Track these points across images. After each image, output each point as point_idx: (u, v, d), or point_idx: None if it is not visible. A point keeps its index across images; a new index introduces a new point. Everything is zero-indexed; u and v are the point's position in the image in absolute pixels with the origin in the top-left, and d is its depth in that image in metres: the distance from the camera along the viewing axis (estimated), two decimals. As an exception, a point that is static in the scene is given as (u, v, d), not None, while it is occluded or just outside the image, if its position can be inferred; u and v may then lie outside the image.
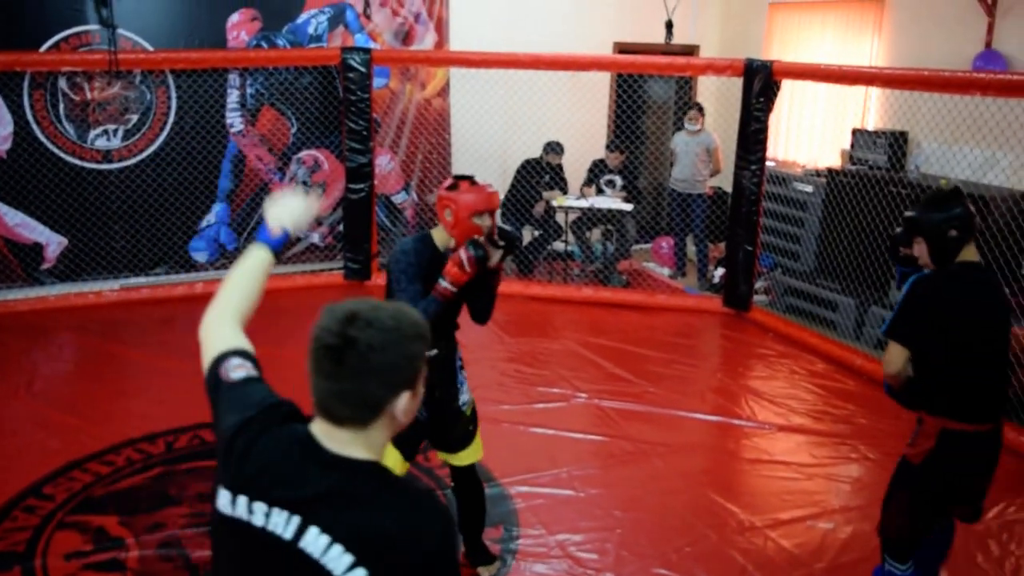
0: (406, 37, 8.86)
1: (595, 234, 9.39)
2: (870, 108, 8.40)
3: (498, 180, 9.29)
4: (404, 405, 1.69)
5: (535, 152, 8.92)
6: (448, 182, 3.65)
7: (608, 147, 9.01)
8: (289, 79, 8.45)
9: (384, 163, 8.92)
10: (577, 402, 6.02)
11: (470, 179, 3.64)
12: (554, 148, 8.86)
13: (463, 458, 4.00)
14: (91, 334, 7.21)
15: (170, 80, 8.07)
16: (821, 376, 6.63)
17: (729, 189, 8.16)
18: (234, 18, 8.19)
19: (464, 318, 3.86)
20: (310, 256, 8.90)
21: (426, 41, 8.92)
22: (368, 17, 8.44)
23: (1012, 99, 6.09)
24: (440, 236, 3.68)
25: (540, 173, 8.86)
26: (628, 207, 8.71)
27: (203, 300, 2.31)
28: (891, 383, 3.45)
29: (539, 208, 8.83)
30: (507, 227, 3.77)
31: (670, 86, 10.47)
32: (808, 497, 4.89)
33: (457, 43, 8.97)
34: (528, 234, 9.13)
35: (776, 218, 8.44)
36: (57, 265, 8.00)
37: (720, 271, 8.53)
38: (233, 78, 8.28)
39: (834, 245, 7.74)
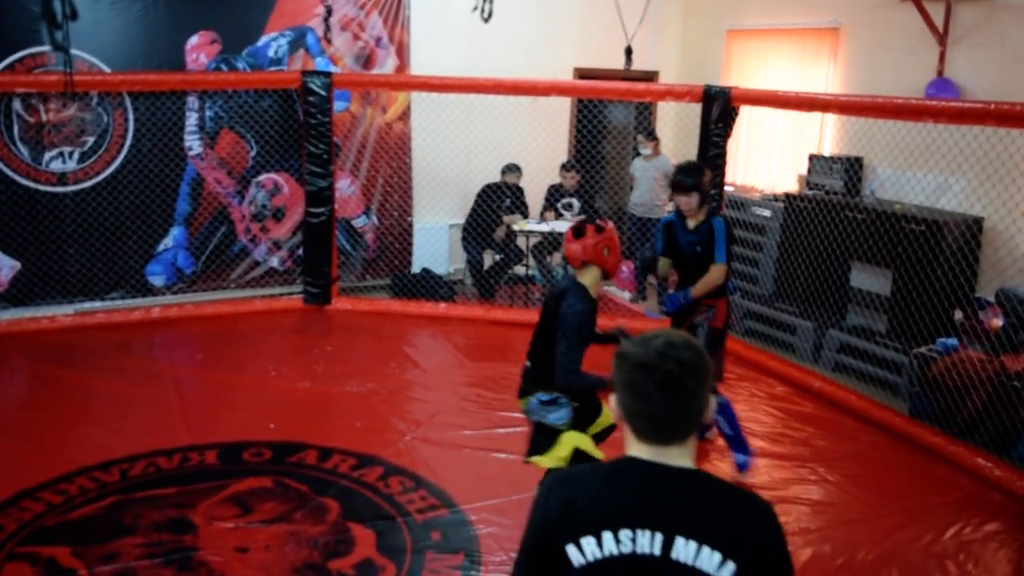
0: (367, 61, 8.86)
1: (556, 258, 9.41)
2: (826, 134, 8.54)
3: (459, 204, 9.32)
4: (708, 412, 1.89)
5: (496, 176, 8.95)
6: (573, 228, 4.25)
7: (563, 167, 9.06)
8: (249, 102, 8.40)
9: (344, 187, 8.89)
10: (539, 426, 6.00)
11: (592, 223, 4.29)
12: (511, 168, 8.91)
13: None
14: (44, 359, 7.06)
15: (128, 102, 7.98)
16: (780, 399, 6.67)
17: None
18: (193, 40, 8.14)
19: (419, 344, 3.84)
20: (269, 280, 8.82)
21: (387, 65, 8.92)
22: (329, 41, 8.43)
23: (964, 126, 6.21)
24: (590, 283, 4.21)
25: (501, 197, 8.89)
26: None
27: (160, 325, 2.29)
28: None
29: (500, 232, 8.85)
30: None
31: (630, 111, 10.56)
32: (768, 520, 4.89)
33: (418, 67, 8.99)
34: (489, 258, 9.13)
35: (735, 242, 8.49)
36: (9, 289, 7.84)
37: (680, 295, 8.57)
38: (192, 101, 8.21)
39: (792, 269, 7.84)
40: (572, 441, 4.25)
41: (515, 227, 8.79)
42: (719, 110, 7.53)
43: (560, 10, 9.72)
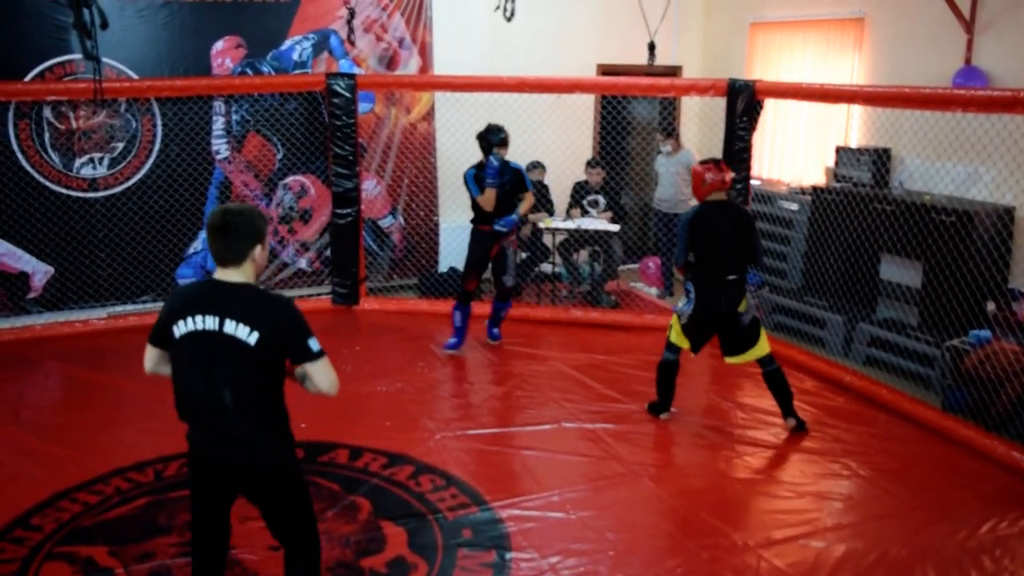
0: (390, 62, 8.90)
1: (582, 255, 9.41)
2: (853, 126, 8.48)
3: (485, 203, 9.29)
4: (259, 253, 3.25)
5: (521, 174, 8.95)
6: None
7: (589, 163, 9.05)
8: (274, 105, 8.47)
9: (370, 187, 8.93)
10: (567, 424, 6.00)
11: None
12: (536, 165, 8.91)
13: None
14: (78, 363, 7.16)
15: (155, 108, 8.07)
16: (811, 394, 6.63)
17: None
18: (219, 45, 8.21)
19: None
20: (297, 281, 8.89)
21: (410, 66, 8.96)
22: (352, 43, 8.47)
23: (993, 115, 6.14)
24: None
25: (526, 195, 8.88)
26: (615, 228, 8.73)
27: None
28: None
29: (526, 230, 8.85)
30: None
31: (654, 106, 10.53)
32: (800, 516, 4.88)
33: (441, 67, 9.02)
34: (516, 256, 9.13)
35: (762, 236, 8.46)
36: (44, 294, 7.96)
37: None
38: (218, 105, 8.29)
39: (820, 262, 7.78)
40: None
41: (541, 224, 8.79)
42: (744, 104, 7.49)
43: (581, 6, 9.71)
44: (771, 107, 8.05)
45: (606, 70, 9.81)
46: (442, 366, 7.16)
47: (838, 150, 8.18)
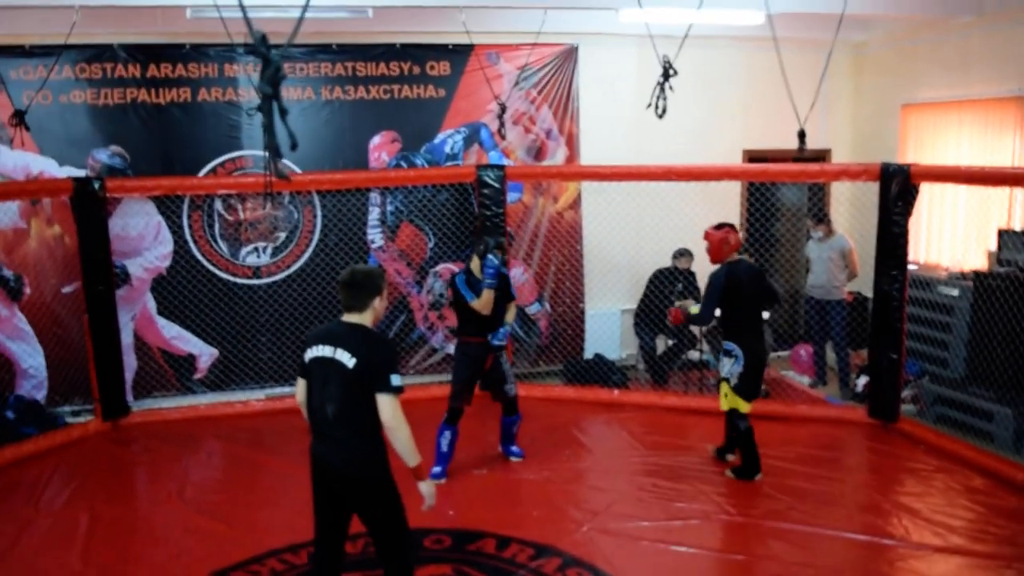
0: (538, 153, 9.12)
1: (730, 342, 9.24)
2: (1016, 208, 8.10)
3: (630, 290, 9.34)
4: (378, 303, 4.12)
5: (667, 261, 8.93)
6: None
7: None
8: (427, 196, 8.79)
9: (518, 275, 9.09)
10: (718, 519, 5.84)
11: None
12: (683, 252, 8.86)
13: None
14: (238, 442, 7.49)
15: (316, 200, 8.51)
16: (980, 492, 6.24)
17: (869, 293, 7.94)
18: (376, 140, 8.63)
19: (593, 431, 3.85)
20: (446, 367, 9.05)
21: (557, 156, 9.15)
22: (502, 135, 8.76)
23: None
24: None
25: (672, 281, 8.85)
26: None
27: None
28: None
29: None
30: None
31: (803, 191, 10.36)
32: (973, 626, 4.57)
33: (587, 156, 9.17)
34: (662, 343, 9.07)
35: (921, 323, 8.14)
36: (208, 375, 8.40)
37: (863, 379, 8.23)
38: (374, 196, 8.67)
39: (986, 351, 7.38)
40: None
41: (689, 311, 8.69)
42: (898, 188, 7.29)
43: (728, 93, 9.72)
44: (927, 190, 7.79)
45: (753, 155, 9.75)
46: (587, 454, 7.12)
47: (1000, 233, 7.83)
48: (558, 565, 5.17)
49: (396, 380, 3.90)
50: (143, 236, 8.17)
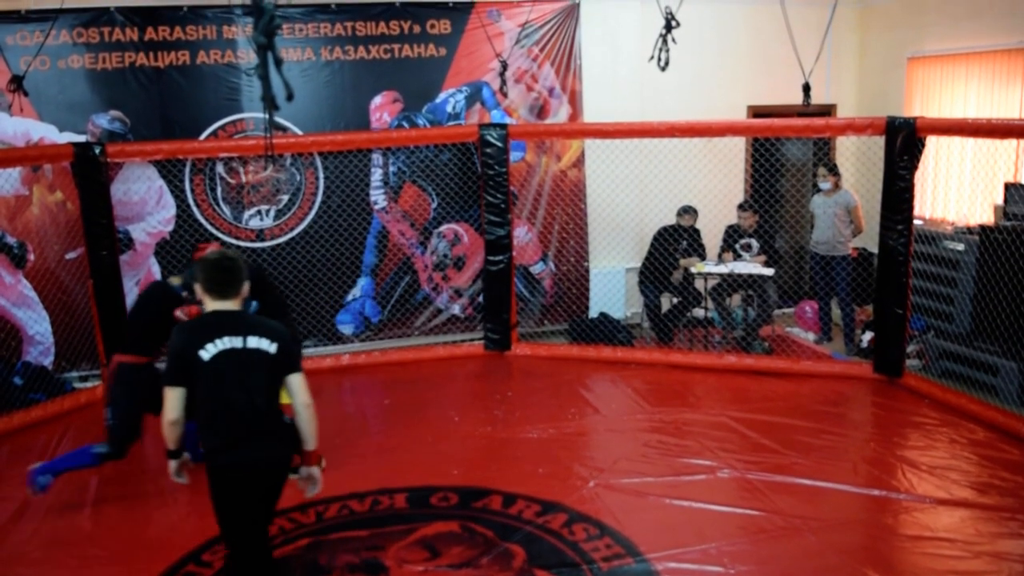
0: (541, 111, 9.06)
1: (735, 300, 9.25)
2: (1023, 161, 8.04)
3: (635, 248, 9.32)
4: (244, 289, 3.92)
5: (671, 219, 8.90)
6: None
7: (740, 207, 8.88)
8: (429, 156, 8.75)
9: (522, 234, 9.07)
10: (723, 474, 5.87)
11: None
12: (687, 210, 8.82)
13: None
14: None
15: (318, 162, 8.47)
16: (984, 445, 6.26)
17: (874, 249, 7.91)
18: (377, 100, 8.57)
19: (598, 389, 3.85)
20: (451, 327, 9.08)
21: (560, 114, 9.08)
22: (504, 94, 8.68)
23: None
24: None
25: (677, 239, 8.82)
26: (769, 272, 8.54)
27: (349, 372, 2.45)
28: None
29: (677, 275, 8.77)
30: None
31: (808, 147, 10.28)
32: (977, 577, 4.60)
33: (591, 113, 9.11)
34: (667, 301, 9.06)
35: (926, 278, 8.12)
36: (214, 340, 8.41)
37: (868, 335, 8.24)
38: (376, 157, 8.63)
39: (992, 305, 7.36)
40: None
41: (692, 269, 8.69)
42: (904, 142, 7.23)
43: (732, 48, 9.62)
44: (933, 144, 7.74)
45: (757, 111, 9.67)
46: (593, 413, 7.14)
47: (1007, 187, 7.77)
48: (564, 521, 5.21)
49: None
50: (145, 201, 8.15)
